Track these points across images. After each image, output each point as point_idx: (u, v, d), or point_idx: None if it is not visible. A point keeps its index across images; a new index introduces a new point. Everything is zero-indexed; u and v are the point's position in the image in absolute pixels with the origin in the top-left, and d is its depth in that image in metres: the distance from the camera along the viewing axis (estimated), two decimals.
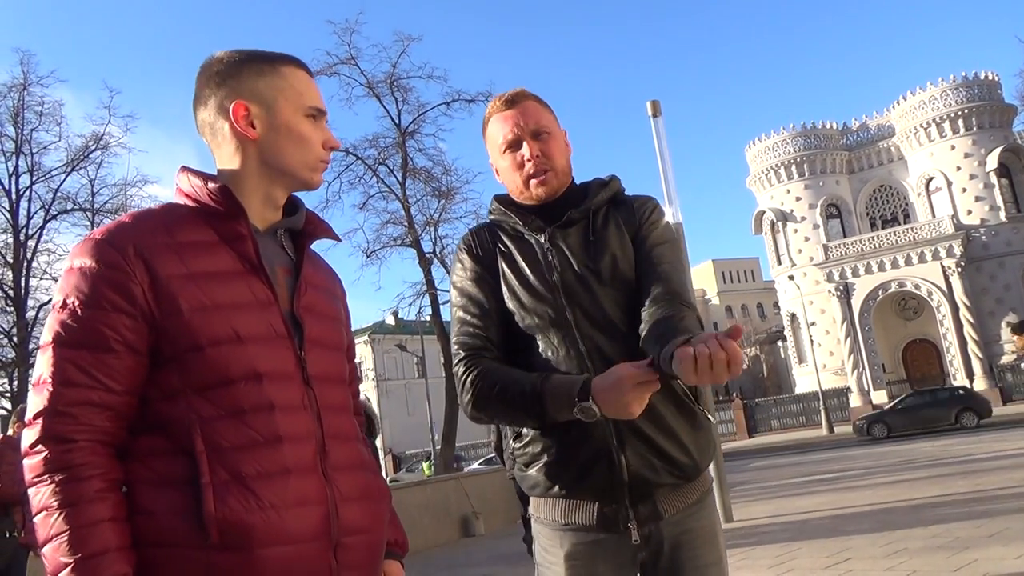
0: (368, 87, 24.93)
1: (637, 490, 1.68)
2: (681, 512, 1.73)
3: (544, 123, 1.83)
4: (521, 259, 1.80)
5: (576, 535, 1.73)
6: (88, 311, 1.21)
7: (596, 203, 1.83)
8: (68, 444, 1.18)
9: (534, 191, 1.82)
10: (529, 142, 1.81)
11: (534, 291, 1.76)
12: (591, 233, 1.79)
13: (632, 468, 1.66)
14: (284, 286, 1.37)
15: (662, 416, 1.69)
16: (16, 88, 25.30)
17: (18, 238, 25.22)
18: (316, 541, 1.25)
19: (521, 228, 1.84)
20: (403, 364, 53.35)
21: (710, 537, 1.77)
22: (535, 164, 1.80)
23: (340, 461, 1.34)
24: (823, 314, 43.97)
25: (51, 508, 1.15)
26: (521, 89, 1.88)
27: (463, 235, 1.95)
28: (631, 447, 1.66)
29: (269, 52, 1.44)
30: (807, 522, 8.64)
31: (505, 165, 1.85)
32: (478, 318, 1.80)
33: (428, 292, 24.65)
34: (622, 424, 1.65)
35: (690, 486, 1.75)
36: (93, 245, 1.25)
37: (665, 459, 1.68)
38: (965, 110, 42.10)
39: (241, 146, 1.38)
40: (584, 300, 1.73)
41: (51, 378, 1.20)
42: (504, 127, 1.83)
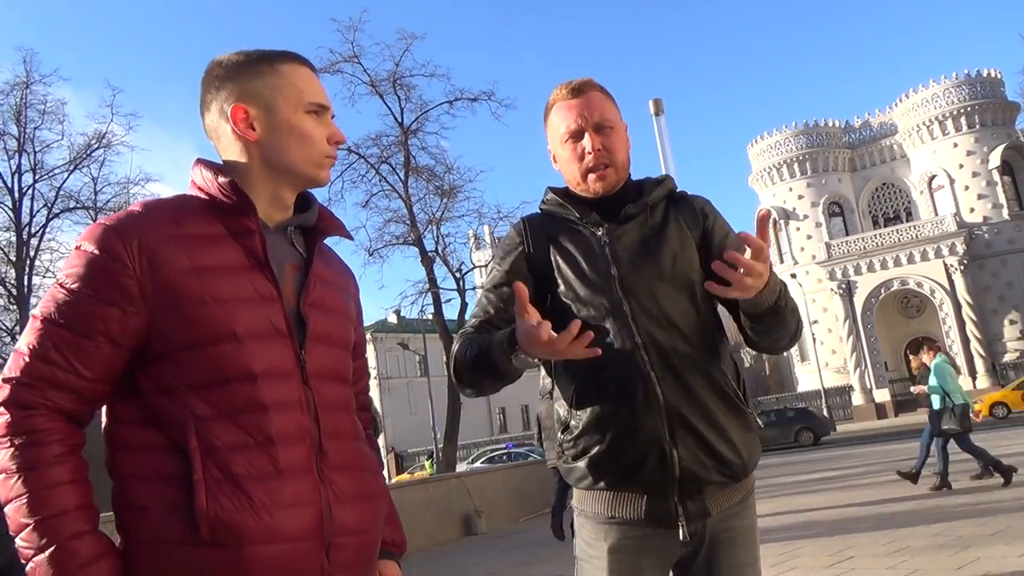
0: (371, 85, 24.89)
1: (687, 486, 1.67)
2: (726, 510, 1.73)
3: (608, 116, 1.81)
4: (577, 252, 1.79)
5: (622, 529, 1.72)
6: (80, 295, 1.23)
7: (653, 199, 1.83)
8: (28, 410, 1.21)
9: (592, 185, 1.81)
10: (592, 135, 1.79)
11: (591, 283, 1.75)
12: (650, 229, 1.79)
13: (684, 463, 1.65)
14: (292, 282, 1.37)
15: (714, 414, 1.69)
16: (19, 86, 25.33)
17: (21, 236, 25.25)
18: (308, 541, 1.25)
19: (577, 222, 1.82)
20: (405, 362, 53.36)
21: (749, 536, 1.77)
22: (595, 158, 1.78)
23: (338, 461, 1.33)
24: (825, 312, 43.93)
25: (10, 471, 1.19)
26: (588, 79, 1.86)
27: (516, 222, 1.92)
28: (683, 442, 1.65)
29: (268, 51, 1.43)
30: (809, 520, 8.63)
31: (565, 155, 1.84)
32: (493, 306, 1.80)
33: (430, 290, 24.64)
34: (675, 419, 1.65)
35: (737, 485, 1.75)
36: (101, 232, 1.26)
37: (716, 457, 1.68)
38: (968, 108, 42.03)
39: (245, 148, 1.39)
40: (641, 293, 1.72)
41: (29, 350, 1.23)
42: (568, 116, 1.81)
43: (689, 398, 1.67)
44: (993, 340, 39.99)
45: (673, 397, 1.66)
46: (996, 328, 40.33)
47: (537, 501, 14.09)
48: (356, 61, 24.41)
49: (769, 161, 47.64)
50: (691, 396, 1.67)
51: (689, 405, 1.67)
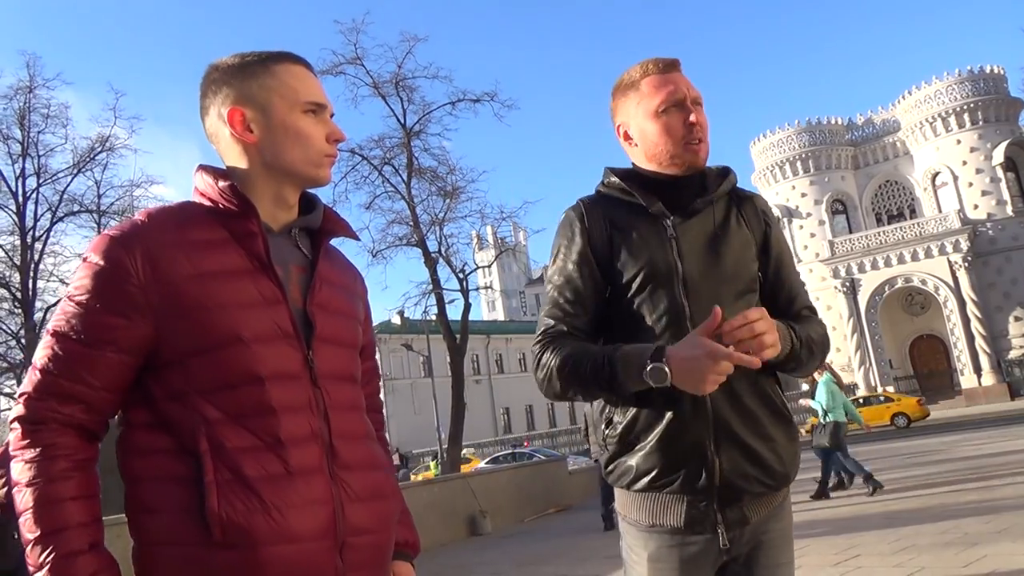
0: (374, 87, 24.90)
1: (727, 494, 1.66)
2: (764, 516, 1.72)
3: (700, 97, 1.80)
4: (643, 242, 1.72)
5: (662, 537, 1.70)
6: (86, 307, 1.25)
7: (718, 194, 1.79)
8: (38, 425, 1.23)
9: (689, 156, 1.74)
10: (695, 107, 1.76)
11: (655, 276, 1.69)
12: (715, 225, 1.75)
13: (725, 472, 1.64)
14: (297, 284, 1.37)
15: (762, 424, 1.68)
16: (22, 91, 25.36)
17: (25, 240, 25.29)
18: (321, 541, 1.26)
19: (644, 208, 1.74)
20: (409, 363, 53.36)
21: (786, 537, 1.77)
22: (697, 130, 1.74)
23: (349, 460, 1.33)
24: (829, 310, 43.83)
25: (21, 484, 1.21)
26: (676, 58, 1.83)
27: (573, 205, 1.83)
28: (727, 452, 1.64)
29: (264, 52, 1.43)
30: (815, 519, 8.62)
31: (656, 127, 1.76)
32: (570, 304, 1.74)
33: (434, 291, 24.64)
34: (721, 428, 1.63)
35: (777, 493, 1.74)
36: (106, 243, 1.27)
37: (760, 466, 1.67)
38: (971, 104, 41.91)
39: (244, 151, 1.39)
40: (702, 292, 1.68)
41: (41, 365, 1.25)
42: (667, 86, 1.76)
43: (738, 407, 1.65)
44: (998, 337, 39.88)
45: (722, 406, 1.64)
46: (1001, 324, 40.22)
47: (543, 501, 14.10)
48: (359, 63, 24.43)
49: (772, 159, 47.56)
50: (740, 405, 1.66)
51: (737, 415, 1.65)
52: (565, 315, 1.74)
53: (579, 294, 1.74)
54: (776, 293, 1.81)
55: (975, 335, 39.55)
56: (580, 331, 1.74)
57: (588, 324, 1.75)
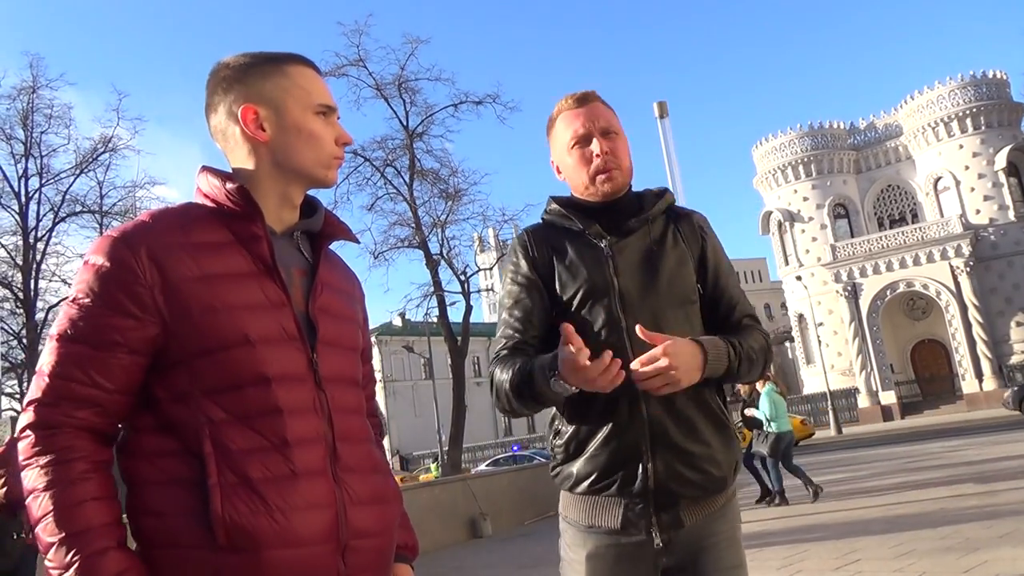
0: (376, 88, 24.98)
1: (661, 498, 1.73)
2: (703, 519, 1.77)
3: (614, 124, 1.89)
4: (581, 263, 1.83)
5: (599, 537, 1.78)
6: (93, 309, 1.24)
7: (653, 213, 1.88)
8: (52, 430, 1.22)
9: (600, 187, 1.86)
10: (600, 139, 1.85)
11: (592, 295, 1.79)
12: (651, 242, 1.85)
13: (659, 477, 1.71)
14: (299, 287, 1.37)
15: (699, 431, 1.75)
16: (25, 91, 25.48)
17: (27, 240, 25.36)
18: (324, 544, 1.25)
19: (581, 232, 1.87)
20: (410, 365, 53.41)
21: (733, 540, 1.81)
22: (604, 159, 1.84)
23: (351, 463, 1.33)
24: (831, 314, 43.82)
25: (38, 490, 1.19)
26: (591, 91, 1.94)
27: (519, 234, 1.97)
28: (662, 457, 1.72)
29: (275, 53, 1.44)
30: (816, 523, 8.61)
31: (571, 162, 1.89)
32: (520, 322, 1.85)
33: (435, 294, 24.67)
34: (657, 435, 1.71)
35: (715, 497, 1.79)
36: (109, 243, 1.27)
37: (696, 470, 1.73)
38: (973, 109, 41.91)
39: (253, 149, 1.39)
40: (639, 309, 1.76)
41: (49, 370, 1.24)
42: (575, 123, 1.88)
43: (674, 414, 1.73)
44: (1000, 342, 39.84)
45: (658, 413, 1.72)
46: (1002, 330, 40.18)
47: (543, 504, 14.08)
48: (362, 65, 24.51)
49: (774, 163, 47.56)
50: (677, 413, 1.73)
51: (673, 421, 1.73)
52: (515, 332, 1.85)
53: (527, 312, 1.85)
54: (716, 303, 1.88)
55: (977, 340, 39.50)
56: (531, 346, 1.84)
57: (538, 340, 1.85)
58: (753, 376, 1.84)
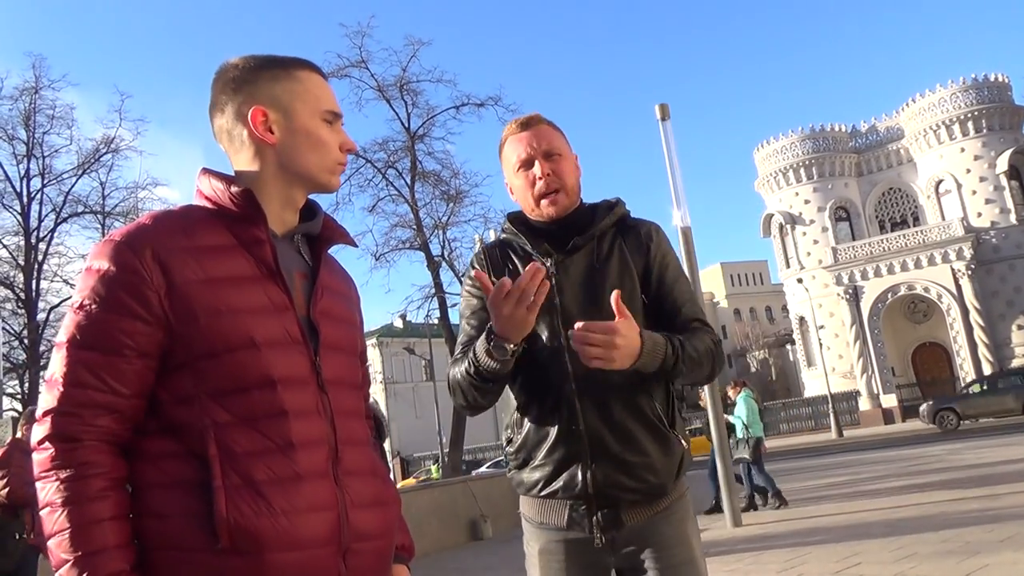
0: (378, 90, 25.01)
1: (601, 501, 1.83)
2: (646, 519, 1.86)
3: (556, 145, 1.95)
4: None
5: (549, 533, 1.91)
6: (102, 314, 1.23)
7: (601, 229, 1.94)
8: (73, 443, 1.20)
9: (544, 210, 1.93)
10: (541, 162, 1.92)
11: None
12: (596, 260, 1.91)
13: (598, 483, 1.82)
14: (301, 291, 1.38)
15: (636, 440, 1.83)
16: (28, 92, 25.53)
17: (29, 241, 25.39)
18: (326, 547, 1.26)
19: (530, 250, 1.94)
20: (411, 367, 53.42)
21: (681, 538, 1.88)
22: (546, 183, 1.91)
23: (352, 466, 1.34)
24: (832, 317, 43.83)
25: (55, 504, 1.18)
26: (536, 114, 2.01)
27: (477, 251, 2.08)
28: (600, 465, 1.82)
29: (283, 57, 1.45)
30: (816, 526, 8.60)
31: (519, 184, 1.97)
32: (475, 330, 1.93)
33: (436, 295, 24.68)
34: (595, 444, 1.82)
35: (656, 500, 1.87)
36: (113, 247, 1.26)
37: (634, 478, 1.82)
38: (975, 112, 41.92)
39: (259, 151, 1.39)
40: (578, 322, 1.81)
41: (62, 378, 1.22)
42: (518, 147, 1.95)
43: (611, 425, 1.82)
44: (1001, 345, 39.82)
45: (595, 424, 1.82)
46: (1004, 333, 40.16)
47: None
48: (364, 66, 24.55)
49: (775, 166, 47.57)
50: (613, 423, 1.82)
51: (611, 431, 1.82)
52: (470, 339, 1.93)
53: (482, 322, 1.91)
54: (659, 308, 1.93)
55: (978, 343, 39.49)
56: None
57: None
58: (698, 377, 1.89)
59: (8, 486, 5.61)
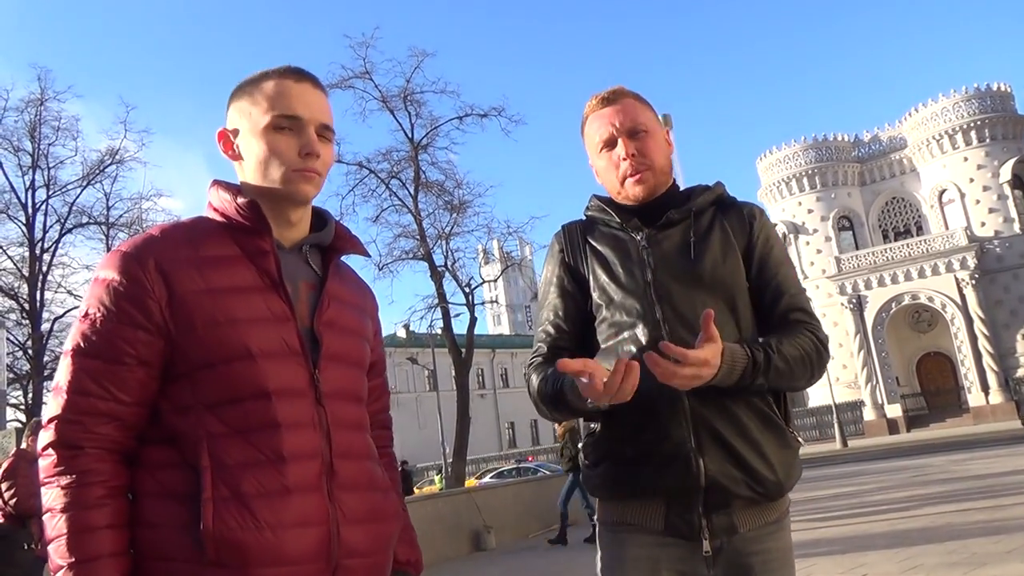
0: (382, 101, 25.04)
1: (713, 498, 1.60)
2: (758, 529, 1.64)
3: (642, 121, 1.79)
4: (613, 256, 1.77)
5: (641, 537, 1.66)
6: (106, 323, 1.25)
7: (699, 204, 1.78)
8: (75, 450, 1.22)
9: (631, 190, 1.77)
10: (625, 140, 1.76)
11: (624, 287, 1.72)
12: (692, 235, 1.74)
13: (710, 474, 1.58)
14: (306, 301, 1.38)
15: (747, 427, 1.62)
16: (33, 103, 25.62)
17: (34, 251, 25.45)
18: (314, 563, 1.25)
19: (617, 225, 1.79)
20: (414, 377, 53.35)
21: (785, 560, 1.68)
22: (631, 163, 1.75)
23: (348, 480, 1.33)
24: (836, 327, 43.70)
25: (55, 510, 1.20)
26: (619, 87, 1.84)
27: (556, 231, 1.91)
28: (710, 452, 1.59)
29: (265, 70, 1.43)
30: (822, 537, 8.57)
31: (602, 165, 1.82)
32: (552, 326, 1.81)
33: (440, 305, 24.66)
34: (702, 428, 1.60)
35: (770, 504, 1.66)
36: (119, 258, 1.28)
37: (747, 471, 1.60)
38: (978, 121, 41.92)
39: (239, 170, 1.43)
40: (676, 299, 1.67)
41: (66, 385, 1.25)
42: (600, 125, 1.80)
43: (719, 408, 1.61)
44: (1006, 355, 39.68)
45: (701, 406, 1.60)
46: (1008, 342, 40.02)
47: (546, 517, 14.02)
48: (368, 77, 24.60)
49: (778, 175, 47.59)
50: (721, 407, 1.61)
51: (719, 416, 1.61)
52: (548, 337, 1.81)
53: (559, 316, 1.81)
54: (761, 295, 1.76)
55: (982, 353, 39.35)
56: (565, 350, 1.77)
57: (573, 342, 1.80)
58: (794, 385, 1.67)
59: (15, 497, 5.62)
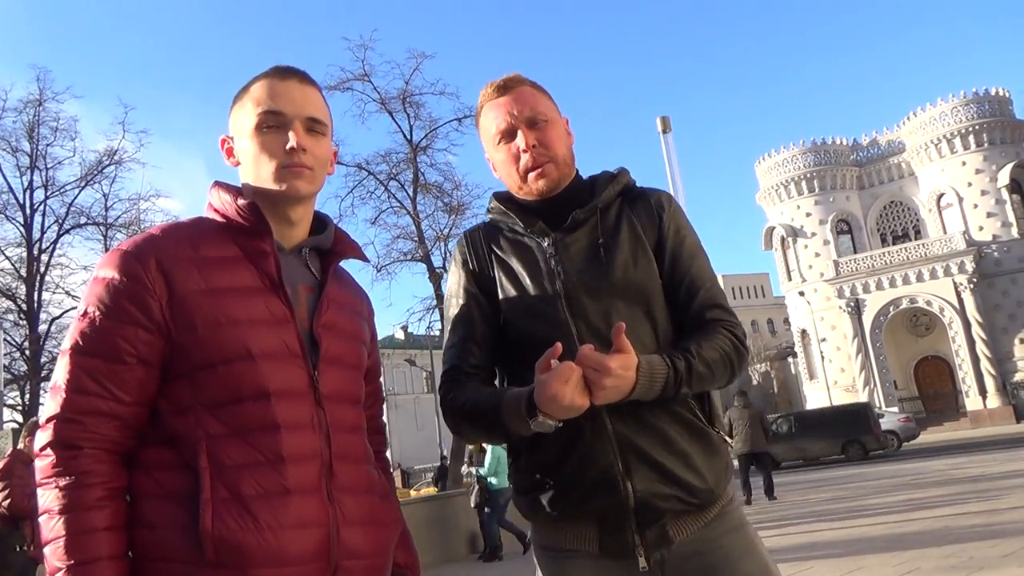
0: (381, 103, 25.02)
1: (644, 517, 1.53)
2: (696, 533, 1.57)
3: (541, 110, 1.66)
4: (520, 266, 1.65)
5: (577, 561, 1.59)
6: (106, 322, 1.24)
7: (604, 200, 1.67)
8: (74, 451, 1.21)
9: (533, 185, 1.66)
10: (524, 131, 1.64)
11: (533, 302, 1.61)
12: (600, 234, 1.63)
13: (639, 495, 1.52)
14: (305, 304, 1.38)
15: (672, 440, 1.55)
16: (32, 104, 25.57)
17: (32, 252, 25.40)
18: (313, 564, 1.25)
19: (521, 231, 1.68)
20: (412, 379, 53.36)
21: (750, 548, 1.60)
22: (532, 155, 1.64)
23: (347, 482, 1.33)
24: (834, 330, 43.76)
25: (52, 512, 1.18)
26: (515, 74, 1.71)
27: (459, 238, 1.79)
28: (638, 473, 1.52)
29: (259, 74, 1.44)
30: (819, 540, 8.56)
31: (501, 158, 1.69)
32: (462, 341, 1.68)
33: (438, 307, 24.64)
34: (627, 449, 1.52)
35: (704, 508, 1.59)
36: (119, 257, 1.28)
37: (677, 484, 1.53)
38: (976, 126, 42.00)
39: (241, 174, 1.44)
40: (589, 311, 1.58)
41: (65, 385, 1.23)
42: (497, 115, 1.67)
43: (642, 426, 1.54)
44: (1003, 359, 39.72)
45: (624, 426, 1.53)
46: (1006, 347, 40.06)
47: None
48: (366, 79, 24.58)
49: (777, 178, 47.63)
50: (644, 424, 1.54)
51: (643, 434, 1.53)
52: (459, 354, 1.67)
53: (467, 331, 1.68)
54: (676, 290, 1.65)
55: (980, 357, 39.39)
56: (476, 368, 1.66)
57: (483, 357, 1.68)
58: (712, 388, 1.61)
59: (9, 498, 5.61)
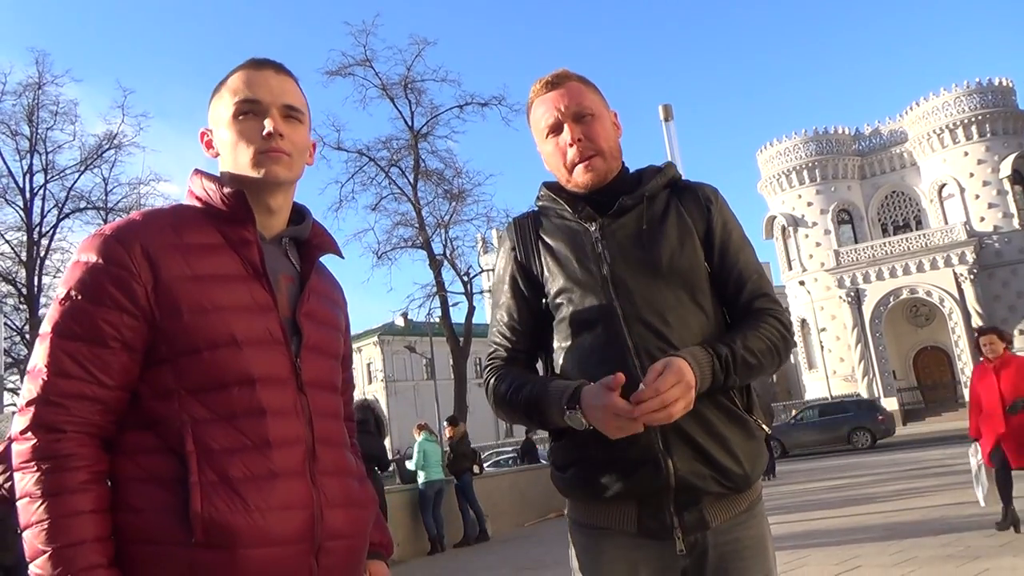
0: (382, 89, 25.03)
1: (683, 497, 1.58)
2: (729, 521, 1.62)
3: (587, 104, 1.72)
4: (567, 250, 1.71)
5: (615, 539, 1.64)
6: (89, 305, 1.24)
7: (651, 189, 1.72)
8: (57, 434, 1.20)
9: (580, 178, 1.71)
10: (571, 125, 1.70)
11: (580, 284, 1.67)
12: (646, 222, 1.68)
13: (680, 474, 1.56)
14: (285, 293, 1.40)
15: (712, 423, 1.59)
16: (31, 87, 25.53)
17: (31, 236, 25.41)
18: (299, 544, 1.27)
19: (569, 216, 1.74)
20: (412, 365, 53.42)
21: (759, 548, 1.65)
22: (578, 149, 1.69)
23: (329, 466, 1.36)
24: (834, 320, 43.76)
25: (34, 495, 1.18)
26: (563, 70, 1.78)
27: (507, 224, 1.86)
28: (678, 452, 1.56)
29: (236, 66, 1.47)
30: (816, 529, 8.60)
31: (549, 151, 1.75)
32: (507, 327, 1.77)
33: (438, 294, 24.70)
34: (669, 429, 1.54)
35: (740, 495, 1.65)
36: (101, 241, 1.27)
37: (714, 467, 1.58)
38: (978, 116, 41.83)
39: (221, 165, 1.45)
40: (635, 293, 1.62)
41: (46, 367, 1.22)
42: (545, 110, 1.74)
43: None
44: None
45: None
46: None
47: (543, 506, 14.08)
48: (368, 65, 24.57)
49: (778, 168, 47.51)
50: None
51: (685, 415, 1.52)
52: (504, 339, 1.77)
53: (512, 317, 1.77)
54: (724, 282, 1.71)
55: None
56: (520, 352, 1.76)
57: (527, 342, 1.77)
58: (764, 373, 1.65)
59: (9, 480, 5.62)
